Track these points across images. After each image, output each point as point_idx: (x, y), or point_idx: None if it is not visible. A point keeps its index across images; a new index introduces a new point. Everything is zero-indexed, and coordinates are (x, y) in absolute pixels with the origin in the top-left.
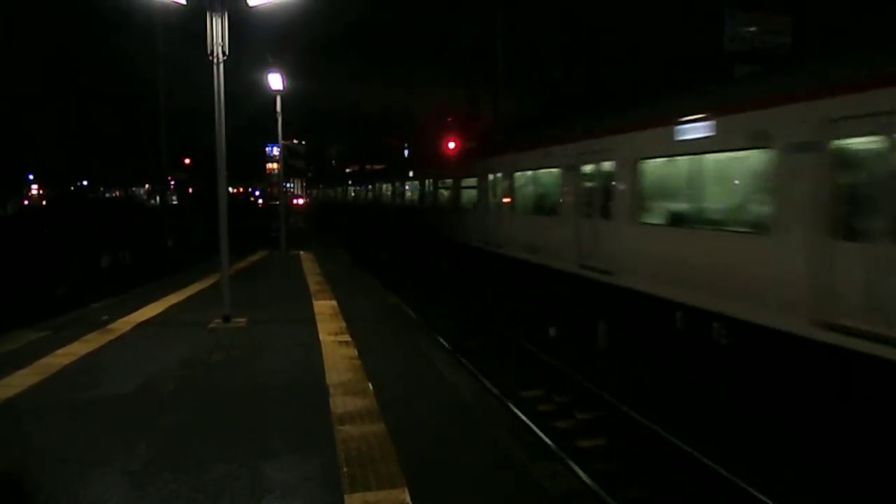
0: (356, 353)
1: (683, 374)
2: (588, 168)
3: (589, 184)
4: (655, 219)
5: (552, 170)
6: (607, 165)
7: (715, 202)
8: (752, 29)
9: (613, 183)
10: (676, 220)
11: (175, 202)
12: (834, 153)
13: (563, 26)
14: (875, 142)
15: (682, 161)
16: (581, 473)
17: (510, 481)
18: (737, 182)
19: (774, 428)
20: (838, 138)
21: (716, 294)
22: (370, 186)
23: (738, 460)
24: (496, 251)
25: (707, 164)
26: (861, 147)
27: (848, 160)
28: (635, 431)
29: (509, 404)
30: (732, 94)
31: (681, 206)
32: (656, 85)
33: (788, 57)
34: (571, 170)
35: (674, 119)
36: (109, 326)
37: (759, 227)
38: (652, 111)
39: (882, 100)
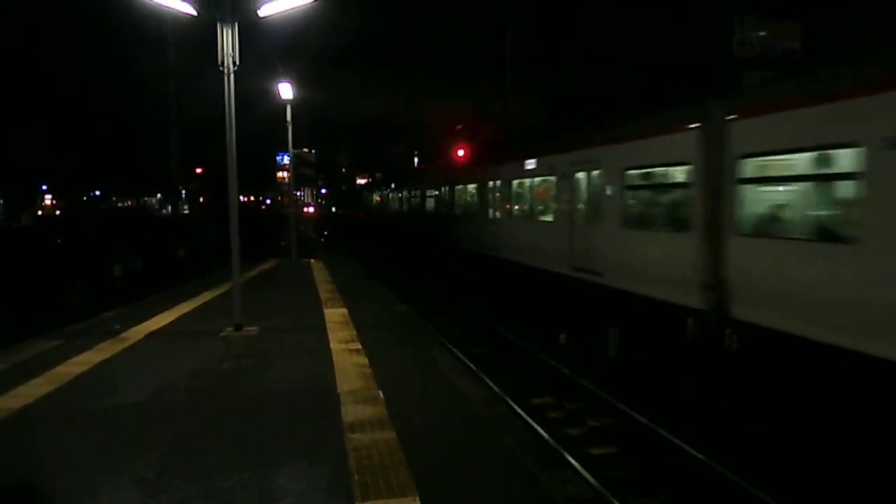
0: (367, 360)
1: (693, 380)
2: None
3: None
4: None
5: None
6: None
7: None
8: (762, 34)
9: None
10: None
11: (186, 211)
12: None
13: (570, 34)
14: None
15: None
16: (592, 480)
17: (520, 489)
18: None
19: (785, 432)
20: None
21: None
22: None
23: (750, 466)
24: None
25: None
26: None
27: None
28: (646, 438)
29: (520, 411)
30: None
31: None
32: (663, 90)
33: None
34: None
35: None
36: (122, 335)
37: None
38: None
39: None
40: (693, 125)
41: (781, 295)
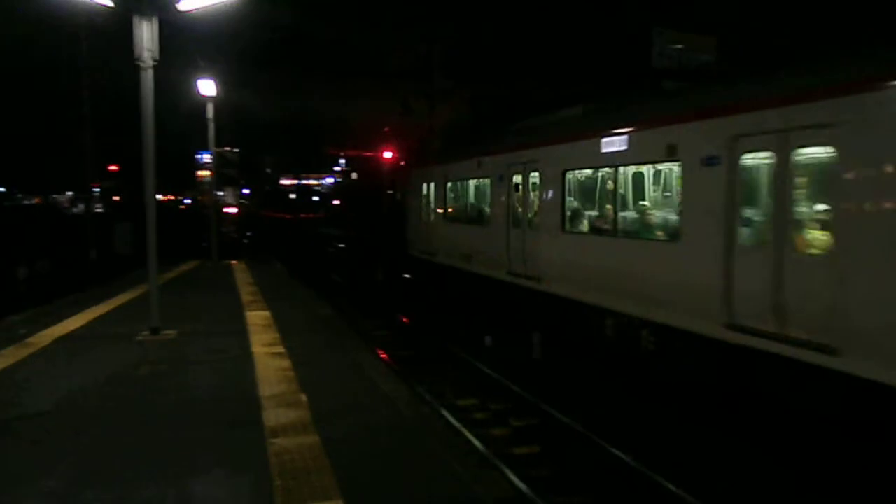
0: (290, 364)
1: (614, 381)
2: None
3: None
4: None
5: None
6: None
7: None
8: (679, 47)
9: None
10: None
11: (100, 210)
12: None
13: (497, 43)
14: None
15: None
16: (515, 480)
17: (445, 490)
18: None
19: (705, 432)
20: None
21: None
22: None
23: (673, 466)
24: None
25: None
26: None
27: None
28: (569, 438)
29: (445, 413)
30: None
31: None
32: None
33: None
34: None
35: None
36: (28, 340)
37: None
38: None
39: None
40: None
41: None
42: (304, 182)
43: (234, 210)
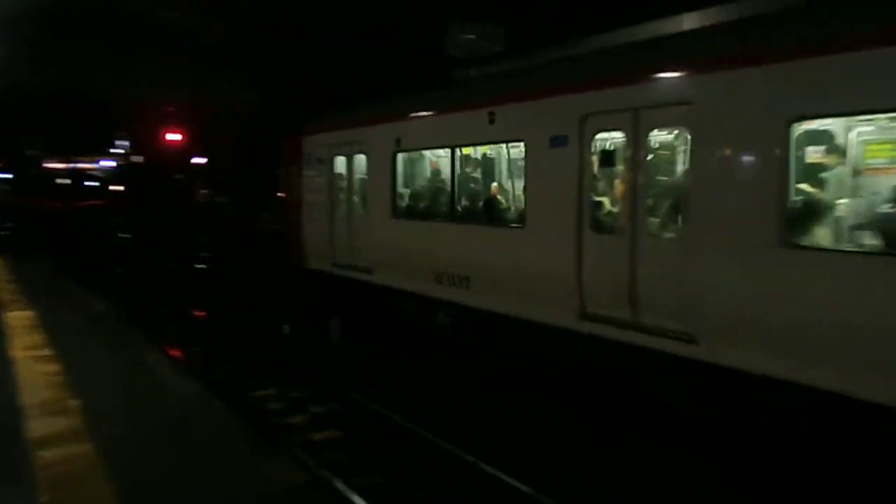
0: (60, 368)
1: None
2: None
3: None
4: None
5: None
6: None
7: None
8: (471, 37)
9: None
10: None
11: None
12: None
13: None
14: None
15: None
16: (311, 464)
17: (235, 483)
18: None
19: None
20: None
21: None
22: None
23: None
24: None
25: None
26: None
27: None
28: (370, 420)
29: (237, 405)
30: None
31: None
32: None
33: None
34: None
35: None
36: None
37: None
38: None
39: None
40: None
41: None
42: (78, 166)
43: None
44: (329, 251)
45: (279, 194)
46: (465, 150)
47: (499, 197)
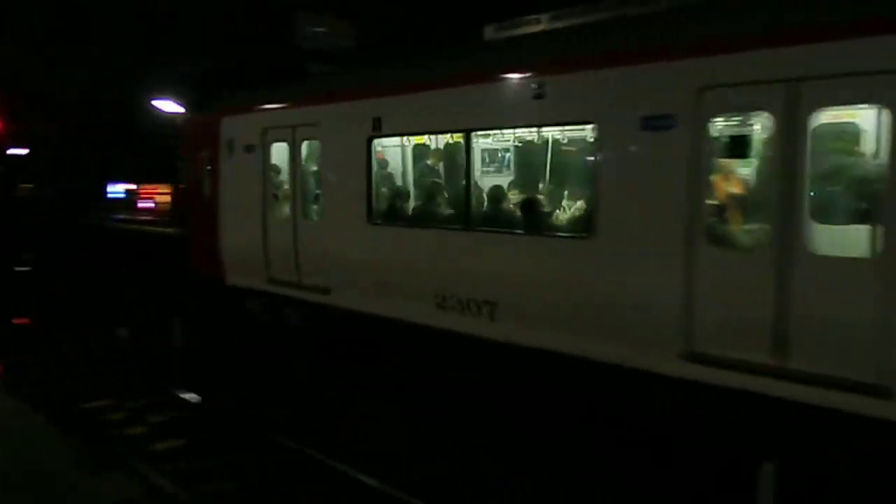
0: None
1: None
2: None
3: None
4: None
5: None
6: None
7: None
8: (323, 30)
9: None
10: None
11: None
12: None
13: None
14: None
15: None
16: (151, 476)
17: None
18: None
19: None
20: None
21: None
22: None
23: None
24: None
25: None
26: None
27: None
28: (217, 425)
29: (63, 421)
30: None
31: None
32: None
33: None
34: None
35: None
36: None
37: None
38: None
39: None
40: None
41: None
42: None
43: None
44: (261, 264)
45: (178, 188)
46: (486, 135)
47: (539, 197)
